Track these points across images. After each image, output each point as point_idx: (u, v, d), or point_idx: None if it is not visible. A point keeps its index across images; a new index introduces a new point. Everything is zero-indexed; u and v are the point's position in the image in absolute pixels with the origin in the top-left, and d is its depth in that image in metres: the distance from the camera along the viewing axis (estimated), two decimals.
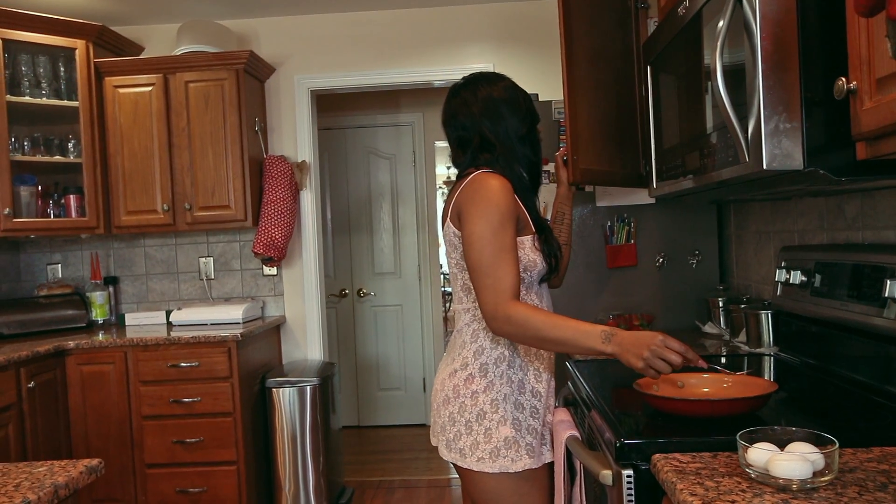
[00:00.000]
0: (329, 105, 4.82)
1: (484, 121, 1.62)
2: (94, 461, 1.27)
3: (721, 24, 1.29)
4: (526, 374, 1.60)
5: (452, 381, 1.59)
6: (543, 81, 3.58)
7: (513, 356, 1.58)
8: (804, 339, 1.83)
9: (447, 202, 1.62)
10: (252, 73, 3.52)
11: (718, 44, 1.28)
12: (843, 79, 1.10)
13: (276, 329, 3.74)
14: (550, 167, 2.60)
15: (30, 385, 2.80)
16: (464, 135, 1.66)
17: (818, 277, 1.73)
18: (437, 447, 1.67)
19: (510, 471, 1.53)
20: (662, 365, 1.33)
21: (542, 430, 1.60)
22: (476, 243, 1.46)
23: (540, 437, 1.59)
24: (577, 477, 1.51)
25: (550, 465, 1.63)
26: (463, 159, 1.66)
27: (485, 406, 1.54)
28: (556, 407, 1.69)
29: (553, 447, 1.63)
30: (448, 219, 1.58)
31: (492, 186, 1.49)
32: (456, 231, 1.56)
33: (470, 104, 1.64)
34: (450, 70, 3.69)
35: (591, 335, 1.39)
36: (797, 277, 1.81)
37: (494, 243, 1.45)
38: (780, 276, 1.91)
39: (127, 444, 3.12)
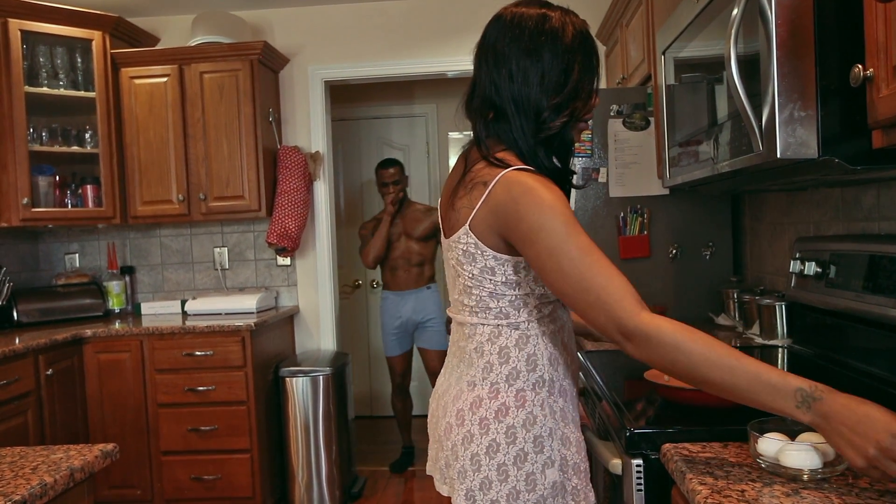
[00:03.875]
0: (343, 96, 4.82)
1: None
2: (109, 446, 1.29)
3: (735, 11, 1.28)
4: (566, 401, 1.28)
5: (476, 412, 1.23)
6: None
7: (552, 380, 1.25)
8: (818, 331, 1.82)
9: (454, 203, 1.25)
10: (266, 63, 3.54)
11: (733, 31, 1.27)
12: (860, 66, 1.08)
13: (289, 319, 3.76)
14: None
15: (48, 372, 2.84)
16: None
17: (833, 269, 1.71)
18: (441, 488, 1.33)
19: None
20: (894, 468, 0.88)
21: (586, 468, 1.29)
22: (552, 264, 1.10)
23: (585, 475, 1.27)
24: (590, 466, 1.51)
25: None
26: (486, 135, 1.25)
27: (526, 445, 1.21)
28: None
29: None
30: (465, 226, 1.20)
31: (538, 188, 1.13)
32: (479, 242, 1.19)
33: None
34: (464, 61, 3.68)
35: (781, 392, 0.95)
36: (812, 269, 1.79)
37: (573, 250, 1.09)
38: (795, 267, 1.89)
39: (143, 431, 3.16)
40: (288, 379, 3.28)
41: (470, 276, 1.23)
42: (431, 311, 3.87)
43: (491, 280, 1.21)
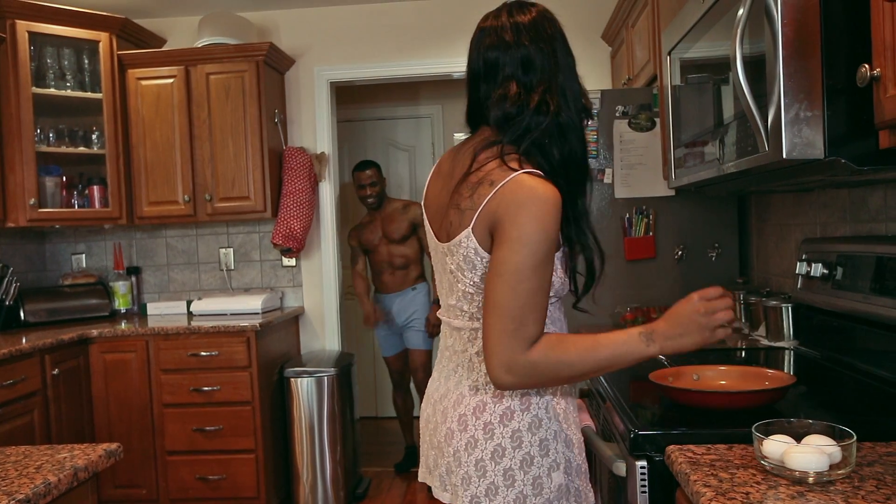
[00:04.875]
0: (348, 97, 4.83)
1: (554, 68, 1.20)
2: (113, 445, 1.30)
3: (741, 11, 1.27)
4: (568, 403, 1.27)
5: (480, 417, 1.21)
6: None
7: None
8: (825, 333, 1.80)
9: (458, 202, 1.20)
10: (272, 64, 3.54)
11: (738, 31, 1.26)
12: (867, 66, 1.07)
13: (294, 319, 3.77)
14: None
15: (54, 372, 2.86)
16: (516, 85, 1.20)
17: (840, 270, 1.70)
18: (442, 495, 1.31)
19: None
20: (723, 315, 1.11)
21: (587, 469, 1.29)
22: (509, 277, 1.10)
23: (587, 476, 1.29)
24: (592, 468, 1.51)
25: None
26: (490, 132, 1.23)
27: (532, 449, 1.20)
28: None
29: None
30: (468, 228, 1.17)
31: (545, 200, 1.10)
32: (479, 247, 1.17)
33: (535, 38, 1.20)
34: None
35: (631, 344, 1.13)
36: (818, 270, 1.78)
37: (533, 280, 1.10)
38: (801, 268, 1.87)
39: (148, 431, 3.17)
40: (293, 379, 3.29)
41: (471, 282, 1.20)
42: (415, 313, 3.82)
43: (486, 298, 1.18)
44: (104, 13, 3.38)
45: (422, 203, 1.38)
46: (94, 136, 3.49)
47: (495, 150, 1.18)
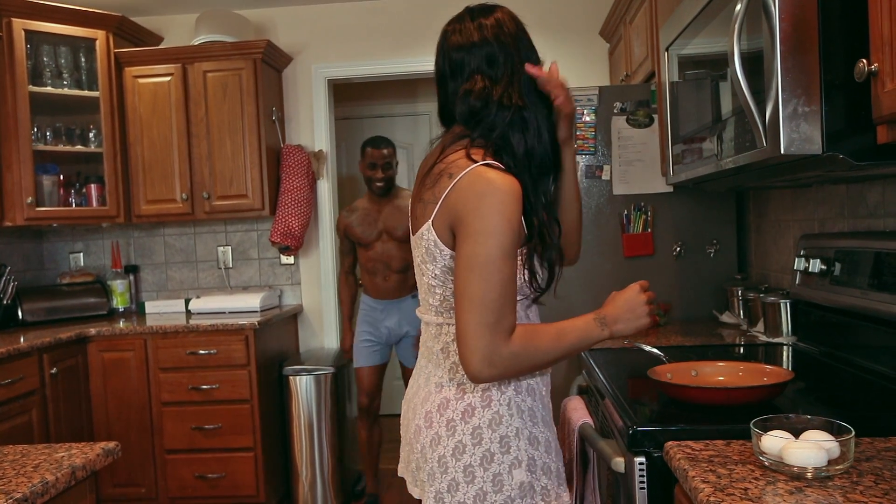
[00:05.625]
0: (346, 95, 4.82)
1: (514, 62, 1.23)
2: (111, 444, 1.29)
3: (739, 7, 1.27)
4: (535, 401, 1.26)
5: (443, 413, 1.22)
6: (561, 69, 3.53)
7: (518, 379, 1.24)
8: (823, 329, 1.80)
9: (421, 194, 1.24)
10: (269, 62, 3.54)
11: (736, 26, 1.26)
12: (864, 60, 1.07)
13: (293, 317, 3.76)
14: None
15: (52, 371, 2.85)
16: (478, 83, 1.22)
17: (838, 266, 1.70)
18: (413, 490, 1.34)
19: None
20: (651, 305, 1.26)
21: (558, 468, 1.28)
22: (480, 270, 1.10)
23: (556, 475, 1.27)
24: (591, 464, 1.51)
25: None
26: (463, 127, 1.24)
27: (492, 445, 1.20)
28: (569, 396, 1.68)
29: (573, 484, 1.50)
30: (429, 221, 1.19)
31: (505, 192, 1.12)
32: (438, 241, 1.19)
33: (499, 35, 1.24)
34: None
35: (589, 329, 1.20)
36: (817, 266, 1.78)
37: (504, 271, 1.11)
38: (800, 264, 1.88)
39: (147, 429, 3.16)
40: (292, 377, 3.28)
41: (433, 275, 1.23)
42: (415, 326, 3.22)
43: (453, 280, 1.20)
44: (101, 11, 3.37)
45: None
46: (91, 135, 3.48)
47: (463, 143, 1.21)
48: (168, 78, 3.45)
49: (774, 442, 0.99)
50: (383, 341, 3.29)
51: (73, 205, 3.47)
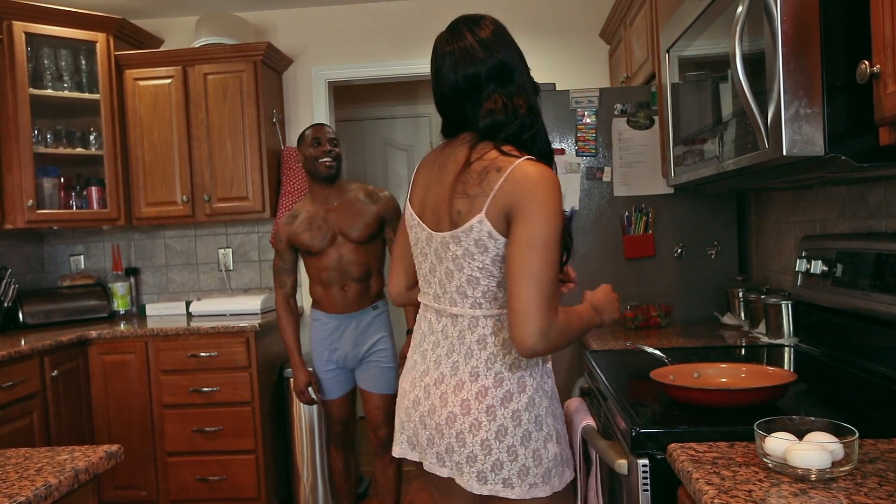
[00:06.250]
0: (346, 97, 4.82)
1: (524, 74, 1.38)
2: (114, 447, 1.29)
3: (740, 8, 1.27)
4: (553, 380, 1.44)
5: (482, 401, 1.32)
6: (562, 71, 3.55)
7: (544, 362, 1.40)
8: (825, 330, 1.80)
9: (466, 190, 1.30)
10: (270, 64, 3.54)
11: (737, 28, 1.26)
12: (867, 62, 1.07)
13: None
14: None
15: (53, 374, 2.85)
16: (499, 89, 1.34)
17: (840, 267, 1.70)
18: (440, 470, 1.40)
19: (559, 489, 1.37)
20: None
21: (567, 434, 1.46)
22: (540, 248, 1.21)
23: (567, 441, 1.43)
24: (593, 467, 1.51)
25: None
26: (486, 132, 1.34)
27: (529, 426, 1.32)
28: (571, 398, 1.68)
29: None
30: (482, 213, 1.27)
31: (555, 181, 1.26)
32: (493, 230, 1.27)
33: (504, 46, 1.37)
34: None
35: (591, 315, 1.40)
36: (818, 267, 1.78)
37: (556, 252, 1.24)
38: (801, 266, 1.88)
39: (148, 432, 3.16)
40: (293, 380, 3.28)
41: (479, 266, 1.31)
42: (379, 342, 2.74)
43: (501, 269, 1.30)
44: (101, 14, 3.37)
45: (407, 200, 1.49)
46: (91, 137, 3.48)
47: (490, 145, 1.32)
48: (168, 80, 3.45)
49: (778, 444, 0.99)
50: (343, 366, 2.76)
51: (74, 207, 3.47)
